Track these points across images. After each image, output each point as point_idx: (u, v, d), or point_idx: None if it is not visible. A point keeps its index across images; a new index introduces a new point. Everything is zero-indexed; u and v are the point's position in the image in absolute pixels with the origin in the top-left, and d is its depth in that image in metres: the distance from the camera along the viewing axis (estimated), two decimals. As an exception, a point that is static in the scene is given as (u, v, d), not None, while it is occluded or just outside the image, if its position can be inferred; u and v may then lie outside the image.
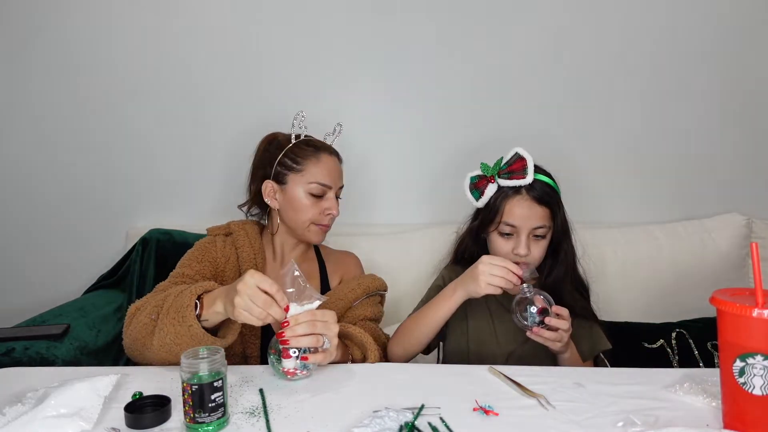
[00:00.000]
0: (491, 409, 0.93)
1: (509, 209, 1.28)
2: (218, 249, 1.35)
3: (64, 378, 1.04)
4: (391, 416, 0.85)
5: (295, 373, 1.04)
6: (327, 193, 1.37)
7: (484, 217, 1.33)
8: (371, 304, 1.40)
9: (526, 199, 1.28)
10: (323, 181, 1.35)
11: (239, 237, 1.38)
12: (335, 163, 1.40)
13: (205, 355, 0.89)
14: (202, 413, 0.85)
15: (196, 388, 0.85)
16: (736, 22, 1.91)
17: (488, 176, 1.32)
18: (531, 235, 1.28)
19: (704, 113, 1.96)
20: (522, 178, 1.27)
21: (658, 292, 1.83)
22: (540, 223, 1.28)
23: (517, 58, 1.93)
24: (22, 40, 1.91)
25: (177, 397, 0.91)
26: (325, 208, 1.36)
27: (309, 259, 1.46)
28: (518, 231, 1.28)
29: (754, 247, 0.82)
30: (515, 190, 1.29)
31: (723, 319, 0.82)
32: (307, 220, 1.35)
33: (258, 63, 1.92)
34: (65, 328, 1.46)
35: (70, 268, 1.97)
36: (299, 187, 1.35)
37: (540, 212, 1.28)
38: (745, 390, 0.79)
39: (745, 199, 1.98)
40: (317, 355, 1.05)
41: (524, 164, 1.28)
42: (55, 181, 1.97)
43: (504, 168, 1.31)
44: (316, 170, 1.35)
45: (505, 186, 1.30)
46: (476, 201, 1.35)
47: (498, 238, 1.31)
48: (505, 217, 1.28)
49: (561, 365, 1.25)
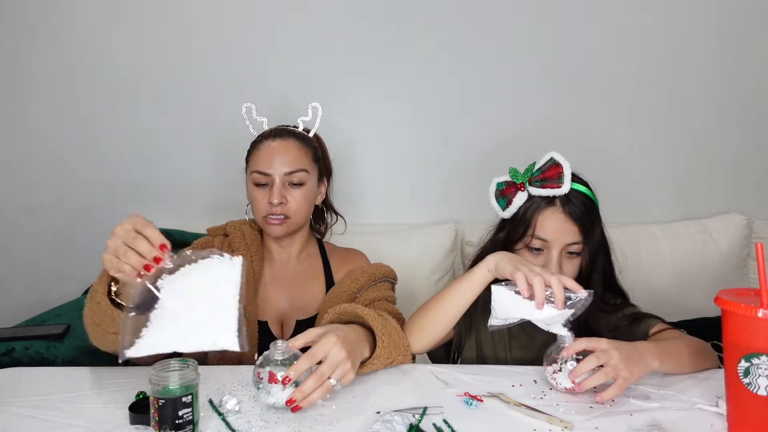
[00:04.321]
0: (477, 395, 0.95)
1: (541, 222, 1.14)
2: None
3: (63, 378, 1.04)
4: (397, 420, 0.85)
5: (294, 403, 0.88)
6: (269, 181, 1.27)
7: (512, 229, 1.19)
8: (380, 290, 1.30)
9: (560, 212, 1.14)
10: (260, 169, 1.27)
11: (235, 238, 1.34)
12: (279, 147, 1.28)
13: (176, 368, 0.83)
14: (169, 430, 0.80)
15: (163, 403, 0.80)
16: (736, 22, 1.92)
17: (518, 183, 1.18)
18: (564, 252, 1.15)
19: (704, 113, 1.97)
20: (557, 187, 1.13)
21: (658, 292, 1.83)
22: (575, 239, 1.14)
23: (518, 58, 1.93)
24: (20, 40, 1.90)
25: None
26: (268, 198, 1.26)
27: (311, 256, 1.40)
28: (549, 246, 1.15)
29: (759, 248, 0.82)
30: (548, 201, 1.15)
31: (728, 320, 0.82)
32: (259, 213, 1.28)
33: (258, 62, 1.92)
34: (65, 328, 1.45)
35: (70, 268, 1.97)
36: (248, 179, 1.32)
37: (575, 228, 1.14)
38: (749, 390, 0.79)
39: (745, 199, 1.98)
40: (315, 394, 0.89)
41: (560, 171, 1.14)
42: (54, 181, 1.96)
43: (536, 175, 1.16)
44: (255, 158, 1.29)
45: (537, 195, 1.16)
46: (502, 210, 1.20)
47: (525, 254, 1.17)
48: (537, 231, 1.14)
49: (671, 372, 1.04)
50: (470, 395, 0.96)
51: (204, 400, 0.95)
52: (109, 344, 1.00)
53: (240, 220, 1.40)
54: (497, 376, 1.06)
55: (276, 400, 0.89)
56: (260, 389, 0.90)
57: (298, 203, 1.28)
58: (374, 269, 1.33)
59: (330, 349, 0.91)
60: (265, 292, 1.33)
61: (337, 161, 1.89)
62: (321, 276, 1.38)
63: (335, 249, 1.45)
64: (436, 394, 0.99)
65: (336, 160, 1.62)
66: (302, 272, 1.37)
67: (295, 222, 1.29)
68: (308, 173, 1.31)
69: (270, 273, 1.35)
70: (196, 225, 1.79)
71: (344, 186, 1.44)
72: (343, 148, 1.97)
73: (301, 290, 1.35)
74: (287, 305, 1.33)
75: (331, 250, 1.43)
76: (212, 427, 0.87)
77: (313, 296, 1.34)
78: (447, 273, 1.86)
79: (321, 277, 1.38)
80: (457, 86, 1.94)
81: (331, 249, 1.44)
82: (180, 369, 0.83)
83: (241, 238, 1.34)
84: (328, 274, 1.38)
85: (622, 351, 0.94)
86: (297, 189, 1.28)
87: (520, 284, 0.99)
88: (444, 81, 1.93)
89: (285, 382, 0.87)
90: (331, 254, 1.42)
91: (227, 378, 1.05)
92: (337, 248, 1.46)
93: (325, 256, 1.41)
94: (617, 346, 0.94)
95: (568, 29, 1.92)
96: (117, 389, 1.00)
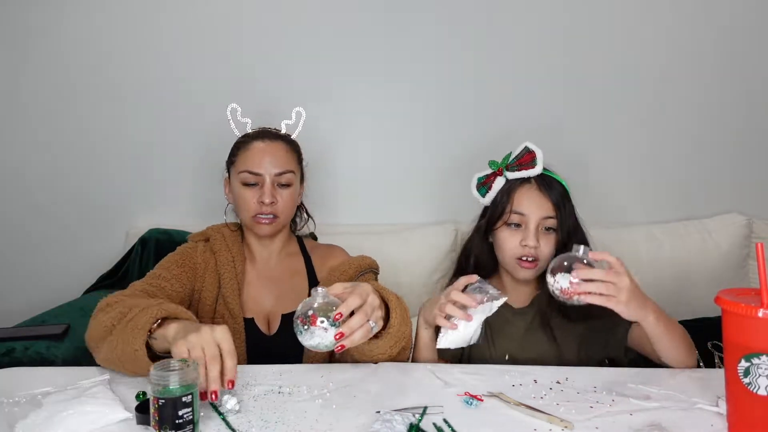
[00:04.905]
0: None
1: (518, 198, 1.25)
2: (198, 255, 1.34)
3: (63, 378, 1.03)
4: (397, 419, 0.85)
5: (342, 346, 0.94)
6: (260, 181, 1.31)
7: (492, 211, 1.29)
8: (368, 280, 1.30)
9: (534, 188, 1.25)
10: (251, 168, 1.30)
11: (216, 241, 1.37)
12: (269, 148, 1.33)
13: (176, 367, 0.83)
14: (169, 430, 0.80)
15: (163, 402, 0.80)
16: (736, 22, 1.92)
17: (495, 171, 1.30)
18: (541, 228, 1.24)
19: (704, 113, 1.97)
20: (531, 168, 1.25)
21: (658, 292, 1.81)
22: (550, 213, 1.24)
23: (520, 58, 1.93)
24: (18, 42, 1.90)
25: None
26: (258, 197, 1.30)
27: (292, 254, 1.43)
28: (527, 221, 1.24)
29: (759, 248, 0.82)
30: (523, 180, 1.27)
31: (728, 320, 0.82)
32: (248, 212, 1.31)
33: (256, 62, 1.92)
34: (65, 328, 1.46)
35: (70, 268, 1.97)
36: (234, 179, 1.34)
37: (549, 204, 1.24)
38: (750, 390, 0.79)
39: (745, 199, 1.98)
40: (358, 333, 0.95)
41: (533, 156, 1.26)
42: (54, 182, 1.96)
43: (513, 162, 1.29)
44: (245, 158, 1.32)
45: (513, 178, 1.28)
46: (483, 197, 1.32)
47: (505, 233, 1.26)
48: (515, 206, 1.25)
49: (653, 339, 1.07)
50: (470, 395, 0.96)
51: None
52: (121, 369, 1.04)
53: (221, 224, 1.43)
54: (497, 376, 1.06)
55: (321, 340, 0.93)
56: (303, 332, 0.94)
57: (286, 203, 1.33)
58: (359, 261, 1.36)
59: (370, 294, 0.99)
60: (250, 291, 1.36)
61: (337, 162, 1.89)
62: (303, 271, 1.41)
63: (316, 246, 1.48)
64: (436, 394, 0.99)
65: (336, 161, 1.65)
66: (284, 269, 1.40)
67: (282, 221, 1.34)
68: (294, 175, 1.36)
69: (253, 272, 1.38)
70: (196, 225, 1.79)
71: (344, 186, 1.45)
72: (344, 148, 1.98)
73: (285, 286, 1.37)
74: (272, 301, 1.35)
75: (312, 247, 1.47)
76: (212, 427, 0.87)
77: (297, 291, 1.36)
78: (447, 273, 1.86)
79: (303, 273, 1.40)
80: (457, 87, 1.94)
81: (312, 246, 1.47)
82: (180, 369, 0.83)
83: (222, 240, 1.37)
84: (309, 270, 1.41)
85: (632, 283, 1.00)
86: (285, 189, 1.33)
87: (441, 322, 1.09)
88: (444, 81, 1.93)
89: (336, 318, 0.92)
90: (312, 251, 1.45)
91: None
92: (317, 245, 1.49)
93: (306, 252, 1.44)
94: (631, 276, 1.00)
95: (568, 29, 1.92)
96: (117, 389, 1.00)
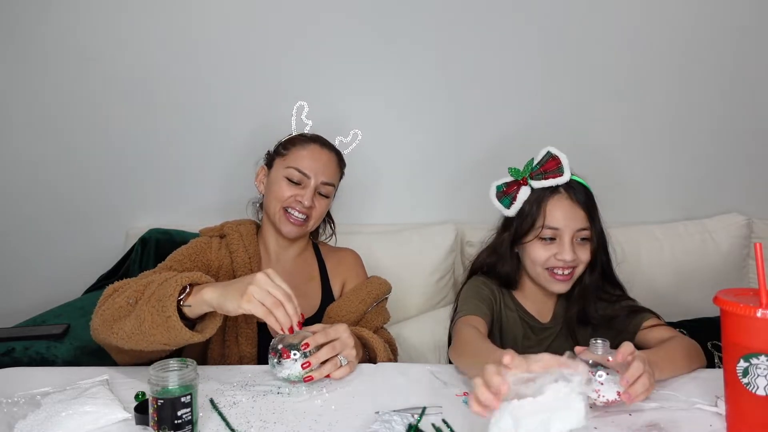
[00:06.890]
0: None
1: (550, 211, 1.16)
2: (213, 251, 1.31)
3: (63, 378, 1.04)
4: (396, 420, 0.85)
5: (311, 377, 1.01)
6: (305, 183, 1.31)
7: (519, 224, 1.20)
8: (380, 311, 1.39)
9: (565, 198, 1.17)
10: (301, 168, 1.31)
11: (233, 240, 1.34)
12: (324, 156, 1.34)
13: (175, 368, 0.83)
14: (168, 430, 0.80)
15: (162, 403, 0.80)
16: (736, 22, 1.92)
17: (519, 179, 1.21)
18: (575, 240, 1.17)
19: (704, 113, 1.96)
20: (559, 176, 1.17)
21: (658, 292, 1.83)
22: (584, 224, 1.17)
23: (518, 59, 1.93)
24: (21, 39, 1.90)
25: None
26: (295, 194, 1.31)
27: (308, 259, 1.43)
28: (561, 234, 1.16)
29: (758, 248, 0.82)
30: (552, 190, 1.18)
31: (727, 320, 0.82)
32: (278, 203, 1.31)
33: (260, 62, 1.91)
34: (65, 328, 1.45)
35: (70, 268, 1.97)
36: (279, 170, 1.34)
37: (582, 213, 1.17)
38: (748, 390, 0.79)
39: (745, 199, 1.98)
40: (340, 370, 1.04)
41: (558, 162, 1.18)
42: (54, 182, 1.96)
43: (537, 168, 1.19)
44: (298, 156, 1.33)
45: (539, 188, 1.19)
46: (507, 209, 1.22)
47: (536, 246, 1.19)
48: (547, 221, 1.16)
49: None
50: (469, 395, 0.96)
51: (204, 399, 0.95)
52: (146, 345, 1.01)
53: (237, 221, 1.40)
54: (497, 376, 1.06)
55: (290, 372, 1.00)
56: (275, 365, 1.01)
57: (320, 212, 1.35)
58: (376, 288, 1.39)
59: (342, 333, 1.06)
60: None
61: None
62: (317, 277, 1.41)
63: (330, 250, 1.49)
64: (436, 394, 0.99)
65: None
66: (299, 273, 1.39)
67: (310, 227, 1.36)
68: (334, 188, 1.39)
69: None
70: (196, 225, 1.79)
71: (344, 186, 1.45)
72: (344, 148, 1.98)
73: (299, 291, 1.35)
74: None
75: (326, 252, 1.47)
76: (212, 427, 0.87)
77: (311, 296, 1.37)
78: (447, 273, 1.86)
79: (317, 278, 1.41)
80: (457, 88, 1.94)
81: (326, 251, 1.48)
82: (179, 369, 0.83)
83: (239, 239, 1.34)
84: (323, 275, 1.42)
85: (649, 365, 0.90)
86: (323, 199, 1.36)
87: (475, 407, 0.74)
88: (444, 83, 1.93)
89: (304, 348, 1.00)
90: (327, 256, 1.46)
91: (227, 378, 1.06)
92: (331, 249, 1.50)
93: (320, 257, 1.45)
94: (643, 358, 0.89)
95: (568, 30, 1.92)
96: (117, 389, 1.00)
